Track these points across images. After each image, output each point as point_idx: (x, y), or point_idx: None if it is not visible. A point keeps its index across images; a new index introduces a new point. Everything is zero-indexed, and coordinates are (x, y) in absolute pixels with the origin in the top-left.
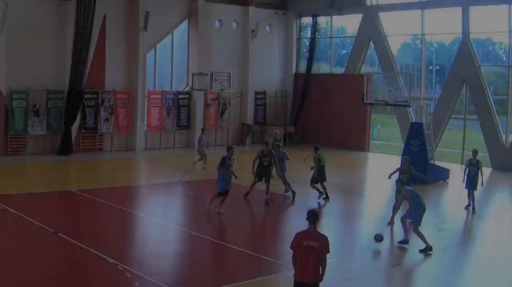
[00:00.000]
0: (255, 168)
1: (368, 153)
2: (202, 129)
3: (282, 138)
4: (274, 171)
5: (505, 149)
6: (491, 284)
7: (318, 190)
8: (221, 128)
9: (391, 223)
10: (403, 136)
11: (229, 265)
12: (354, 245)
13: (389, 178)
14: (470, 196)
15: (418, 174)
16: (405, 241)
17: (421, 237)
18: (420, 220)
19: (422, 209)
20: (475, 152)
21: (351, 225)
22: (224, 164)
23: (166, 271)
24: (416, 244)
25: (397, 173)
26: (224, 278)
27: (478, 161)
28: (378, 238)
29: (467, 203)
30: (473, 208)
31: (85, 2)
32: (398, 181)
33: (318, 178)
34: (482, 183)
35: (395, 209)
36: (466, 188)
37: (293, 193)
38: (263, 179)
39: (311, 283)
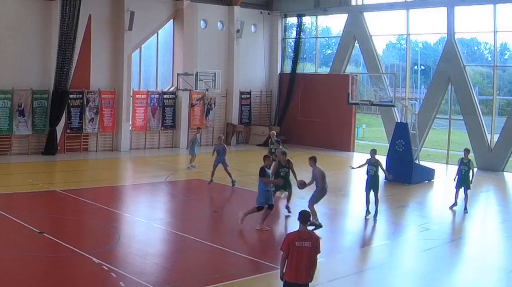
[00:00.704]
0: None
1: (353, 153)
2: (198, 129)
3: (280, 139)
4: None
5: (490, 148)
6: (476, 284)
7: None
8: (206, 128)
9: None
10: (388, 137)
11: (215, 265)
12: (338, 245)
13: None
14: (457, 196)
15: (384, 169)
16: (317, 225)
17: (314, 214)
18: (318, 201)
19: (325, 192)
20: (466, 151)
21: (335, 225)
22: (265, 175)
23: (151, 271)
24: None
25: (366, 165)
26: (210, 278)
27: (469, 160)
28: (301, 186)
29: (453, 202)
30: (465, 208)
31: (70, 2)
32: (310, 158)
33: None
34: (471, 182)
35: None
36: (455, 187)
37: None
38: (285, 189)
39: (303, 283)
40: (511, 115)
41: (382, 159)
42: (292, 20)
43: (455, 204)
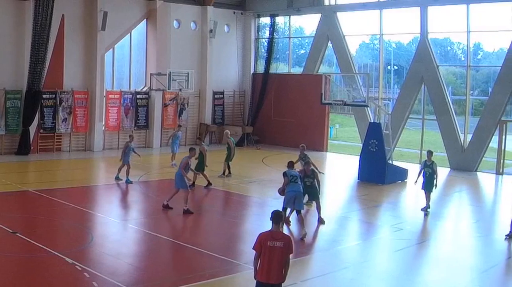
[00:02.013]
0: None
1: (326, 153)
2: (179, 126)
3: (233, 139)
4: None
5: (463, 149)
6: (449, 284)
7: (225, 170)
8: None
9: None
10: (361, 137)
11: (188, 265)
12: (312, 245)
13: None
14: (428, 197)
15: (315, 166)
16: (188, 211)
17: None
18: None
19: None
20: (429, 153)
21: (308, 225)
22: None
23: (124, 271)
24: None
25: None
26: (183, 278)
27: (433, 162)
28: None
29: (425, 205)
30: (427, 208)
31: (43, 1)
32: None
33: (232, 158)
34: (436, 185)
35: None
36: (422, 189)
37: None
38: (308, 199)
39: (275, 283)
40: (484, 115)
41: (355, 160)
42: (265, 20)
43: (427, 206)
